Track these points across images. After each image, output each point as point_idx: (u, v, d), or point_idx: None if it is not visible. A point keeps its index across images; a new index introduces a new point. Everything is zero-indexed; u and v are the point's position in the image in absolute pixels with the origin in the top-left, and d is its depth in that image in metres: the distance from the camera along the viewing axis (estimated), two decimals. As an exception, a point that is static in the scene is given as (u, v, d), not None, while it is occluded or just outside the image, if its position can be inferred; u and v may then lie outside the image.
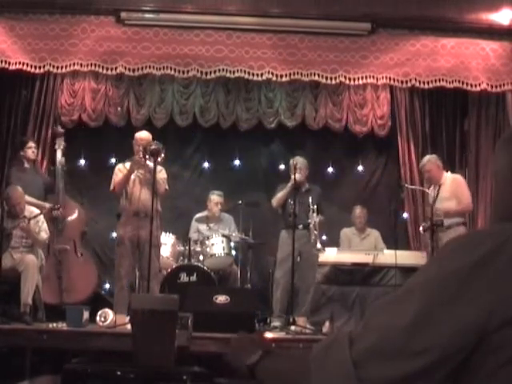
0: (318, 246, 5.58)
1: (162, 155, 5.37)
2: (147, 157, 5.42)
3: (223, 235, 6.37)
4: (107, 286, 6.82)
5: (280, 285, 5.87)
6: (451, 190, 5.83)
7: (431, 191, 5.95)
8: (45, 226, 5.71)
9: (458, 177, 6.12)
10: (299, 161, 6.00)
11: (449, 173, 6.06)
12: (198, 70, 6.28)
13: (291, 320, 5.38)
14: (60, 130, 6.57)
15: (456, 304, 0.94)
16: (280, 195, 6.00)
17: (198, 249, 6.35)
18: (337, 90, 7.29)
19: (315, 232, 5.62)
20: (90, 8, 6.26)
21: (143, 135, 5.66)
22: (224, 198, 6.78)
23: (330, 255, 6.15)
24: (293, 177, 5.89)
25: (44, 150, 6.92)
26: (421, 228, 6.13)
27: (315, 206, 5.77)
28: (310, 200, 5.80)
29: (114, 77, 6.92)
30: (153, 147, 5.37)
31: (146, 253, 5.26)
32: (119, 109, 7.26)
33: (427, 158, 6.13)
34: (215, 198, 6.73)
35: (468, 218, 6.72)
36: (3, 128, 7.00)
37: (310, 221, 5.69)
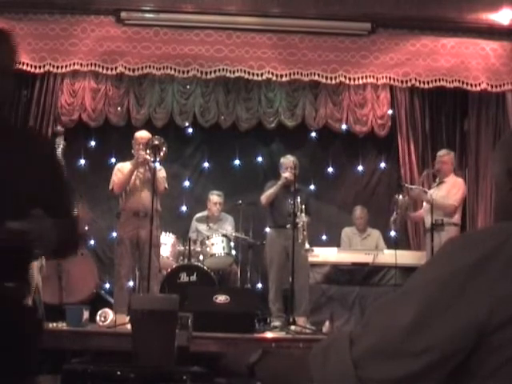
0: (307, 246, 5.57)
1: (164, 149, 5.38)
2: (148, 151, 5.41)
3: (223, 235, 6.36)
4: (107, 285, 6.82)
5: (274, 284, 5.87)
6: (447, 190, 5.83)
7: (432, 191, 5.91)
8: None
9: (460, 180, 6.07)
10: (294, 160, 5.99)
11: (452, 174, 6.04)
12: (198, 70, 6.28)
13: (291, 320, 5.37)
14: (60, 128, 6.52)
15: (456, 304, 0.94)
16: (269, 192, 5.95)
17: (198, 249, 6.35)
18: (337, 90, 7.28)
19: (304, 232, 5.61)
20: (89, 8, 6.26)
21: (143, 134, 5.65)
22: (224, 197, 6.77)
23: (329, 255, 6.16)
24: (285, 175, 5.85)
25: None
26: (392, 218, 6.06)
27: (303, 206, 5.76)
28: (299, 200, 5.79)
29: (114, 77, 6.92)
30: (155, 142, 5.38)
31: (146, 253, 5.27)
32: (119, 109, 7.25)
33: (447, 150, 6.09)
34: (215, 198, 6.72)
35: (468, 218, 6.72)
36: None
37: (298, 220, 5.66)
